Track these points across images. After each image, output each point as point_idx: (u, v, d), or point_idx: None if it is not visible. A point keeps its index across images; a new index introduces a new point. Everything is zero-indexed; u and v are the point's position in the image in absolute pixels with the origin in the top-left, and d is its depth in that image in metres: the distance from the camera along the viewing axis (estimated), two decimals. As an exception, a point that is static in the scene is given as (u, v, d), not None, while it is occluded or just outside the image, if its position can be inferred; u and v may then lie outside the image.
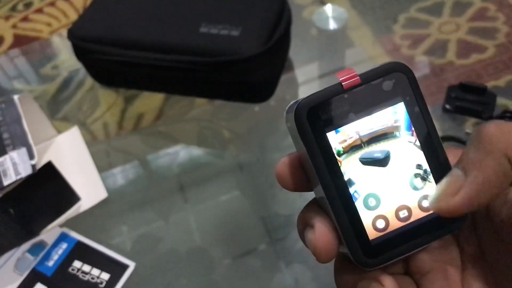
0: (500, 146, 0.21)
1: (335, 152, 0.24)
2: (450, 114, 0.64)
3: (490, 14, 0.78)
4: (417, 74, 0.74)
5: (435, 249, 0.25)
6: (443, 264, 0.25)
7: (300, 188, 0.25)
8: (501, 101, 0.65)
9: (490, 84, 0.68)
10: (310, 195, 0.26)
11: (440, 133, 0.26)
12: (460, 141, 0.60)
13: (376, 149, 0.24)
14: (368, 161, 0.24)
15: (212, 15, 0.67)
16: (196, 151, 0.68)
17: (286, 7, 0.68)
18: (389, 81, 0.24)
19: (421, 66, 0.73)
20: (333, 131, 0.24)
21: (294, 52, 0.75)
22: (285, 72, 0.73)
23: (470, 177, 0.21)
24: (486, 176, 0.21)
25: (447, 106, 0.64)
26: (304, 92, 0.73)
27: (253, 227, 0.59)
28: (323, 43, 0.80)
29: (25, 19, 0.92)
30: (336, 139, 0.24)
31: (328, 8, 0.81)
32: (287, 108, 0.25)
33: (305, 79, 0.74)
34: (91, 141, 0.70)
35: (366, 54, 0.76)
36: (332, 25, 0.79)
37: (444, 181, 0.23)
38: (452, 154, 0.25)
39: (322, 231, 0.24)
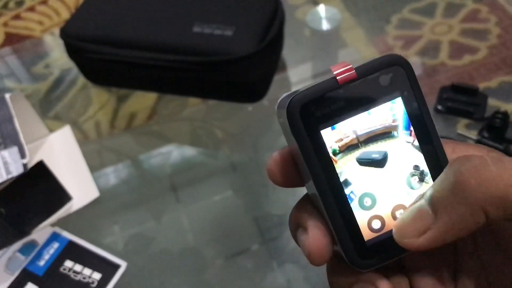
0: (478, 197, 0.20)
1: (330, 151, 0.23)
2: (442, 115, 0.65)
3: (482, 16, 0.79)
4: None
5: None
6: (437, 260, 0.25)
7: (291, 184, 0.25)
8: (493, 102, 0.66)
9: (482, 85, 0.68)
10: (303, 193, 0.26)
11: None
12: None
13: (373, 150, 0.23)
14: (365, 162, 0.23)
15: (205, 15, 0.67)
16: (189, 151, 0.68)
17: (279, 7, 0.68)
18: (386, 75, 0.23)
19: (413, 67, 0.73)
20: (328, 128, 0.23)
21: (287, 52, 0.75)
22: (278, 72, 0.73)
23: (439, 221, 0.21)
24: (457, 223, 0.21)
25: (439, 107, 0.65)
26: (297, 92, 0.73)
27: (246, 227, 0.59)
28: (316, 43, 0.80)
29: (16, 17, 0.92)
30: (332, 137, 0.23)
31: (321, 9, 0.82)
32: (278, 102, 0.24)
33: (298, 79, 0.74)
34: (83, 140, 0.69)
35: (359, 55, 0.76)
36: (325, 25, 0.80)
37: (411, 216, 0.22)
38: (450, 148, 0.25)
39: (316, 235, 0.23)
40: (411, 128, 0.24)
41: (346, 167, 0.23)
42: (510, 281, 0.22)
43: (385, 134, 0.24)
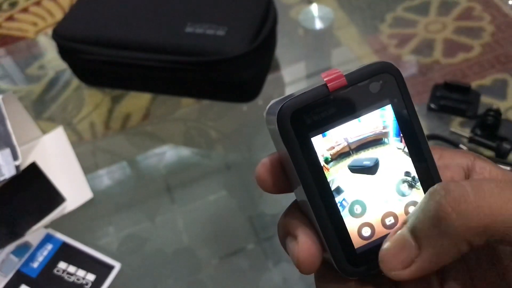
0: (460, 229, 0.20)
1: (322, 159, 0.23)
2: (435, 113, 0.65)
3: (476, 14, 0.79)
4: (404, 74, 0.74)
5: None
6: None
7: (281, 190, 0.25)
8: (486, 99, 0.66)
9: (475, 82, 0.68)
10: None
11: (425, 132, 0.26)
12: (445, 140, 0.60)
13: (365, 157, 0.24)
14: (356, 169, 0.23)
15: (197, 15, 0.67)
16: (183, 151, 0.68)
17: (271, 6, 0.68)
18: (377, 83, 0.23)
19: (408, 65, 0.73)
20: (319, 136, 0.23)
21: (281, 51, 0.75)
22: (271, 71, 0.73)
23: (423, 254, 0.21)
24: (441, 254, 0.21)
25: (432, 105, 0.65)
26: (291, 91, 0.73)
27: (241, 226, 0.59)
28: (310, 42, 0.80)
29: (10, 18, 0.92)
30: (324, 145, 0.23)
31: (314, 8, 0.81)
32: (267, 108, 0.24)
33: (292, 78, 0.74)
34: (77, 141, 0.69)
35: (353, 54, 0.76)
36: (318, 24, 0.79)
37: (395, 247, 0.22)
38: (438, 154, 0.25)
39: (305, 244, 0.23)
40: (401, 135, 0.24)
41: (337, 175, 0.23)
42: (493, 285, 0.23)
43: (376, 141, 0.24)
